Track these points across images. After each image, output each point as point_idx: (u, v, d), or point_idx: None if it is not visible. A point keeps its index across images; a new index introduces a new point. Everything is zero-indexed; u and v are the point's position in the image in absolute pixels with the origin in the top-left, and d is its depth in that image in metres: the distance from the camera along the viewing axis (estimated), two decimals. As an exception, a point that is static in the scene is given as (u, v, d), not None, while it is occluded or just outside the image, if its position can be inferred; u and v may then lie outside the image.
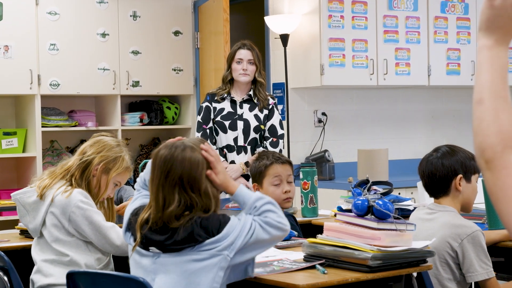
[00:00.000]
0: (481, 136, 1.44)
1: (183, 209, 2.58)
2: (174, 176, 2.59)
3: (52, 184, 3.25)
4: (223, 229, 2.55)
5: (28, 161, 6.25)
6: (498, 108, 1.44)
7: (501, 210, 1.42)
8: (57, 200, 3.20)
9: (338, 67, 6.26)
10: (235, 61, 5.04)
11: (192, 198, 2.58)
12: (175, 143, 2.66)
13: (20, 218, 3.35)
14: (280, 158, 3.75)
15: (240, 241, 2.54)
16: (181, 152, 2.62)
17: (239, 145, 5.01)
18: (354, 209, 2.77)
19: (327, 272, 2.68)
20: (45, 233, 3.24)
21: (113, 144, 3.36)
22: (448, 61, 6.81)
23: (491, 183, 1.43)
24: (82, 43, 6.35)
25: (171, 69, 6.77)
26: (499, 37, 1.49)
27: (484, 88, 1.47)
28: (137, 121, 6.69)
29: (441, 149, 3.29)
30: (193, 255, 2.55)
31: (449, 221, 3.16)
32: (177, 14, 6.78)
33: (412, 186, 5.87)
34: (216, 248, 2.53)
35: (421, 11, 6.67)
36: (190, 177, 2.59)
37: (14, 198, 3.34)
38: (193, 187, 2.59)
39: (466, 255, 3.09)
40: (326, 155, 6.34)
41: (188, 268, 2.55)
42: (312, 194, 4.24)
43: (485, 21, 1.50)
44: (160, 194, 2.61)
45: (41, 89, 6.17)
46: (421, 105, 7.18)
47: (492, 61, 1.48)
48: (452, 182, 3.22)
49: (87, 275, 2.80)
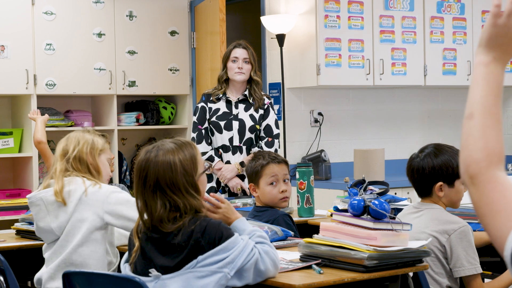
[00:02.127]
0: (467, 151, 1.45)
1: (173, 211, 2.58)
2: (150, 182, 2.60)
3: (69, 183, 3.27)
4: (225, 241, 2.54)
5: (24, 161, 6.24)
6: (486, 125, 1.45)
7: (487, 225, 1.42)
8: (91, 192, 3.23)
9: (334, 67, 6.27)
10: (231, 60, 5.04)
11: (176, 200, 2.58)
12: (149, 149, 2.67)
13: (38, 219, 3.29)
14: (276, 157, 3.75)
15: (241, 261, 2.53)
16: (154, 158, 2.62)
17: (235, 145, 5.01)
18: (350, 209, 2.77)
19: (323, 272, 2.68)
20: (70, 230, 3.23)
21: (79, 133, 3.51)
22: (444, 61, 6.81)
23: (476, 198, 1.44)
24: (78, 43, 6.35)
25: (167, 69, 6.77)
26: (498, 55, 1.50)
27: (476, 103, 1.48)
28: (133, 121, 6.69)
29: (425, 150, 3.28)
30: (194, 272, 2.52)
31: (437, 217, 3.17)
32: (173, 14, 6.78)
33: (408, 186, 5.82)
34: (217, 264, 2.51)
35: (417, 11, 6.67)
36: (167, 180, 2.59)
37: (36, 197, 3.30)
38: (172, 189, 2.59)
39: (454, 250, 3.10)
40: (322, 155, 6.35)
41: (189, 286, 2.51)
42: (308, 194, 4.24)
43: (486, 38, 1.51)
44: (141, 200, 2.62)
45: (37, 89, 6.17)
46: (417, 105, 7.19)
47: (487, 78, 1.49)
48: (433, 186, 3.23)
49: (83, 275, 2.80)
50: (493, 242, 1.42)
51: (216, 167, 4.97)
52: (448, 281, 3.14)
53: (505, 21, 1.48)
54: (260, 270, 2.58)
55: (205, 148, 4.99)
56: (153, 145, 2.69)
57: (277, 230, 3.33)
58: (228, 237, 2.55)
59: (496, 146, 1.44)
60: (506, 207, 1.40)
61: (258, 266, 2.58)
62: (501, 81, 1.49)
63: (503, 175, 1.43)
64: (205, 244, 2.52)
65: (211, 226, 2.54)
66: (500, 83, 1.49)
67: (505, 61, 1.51)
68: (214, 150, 5.02)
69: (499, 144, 1.45)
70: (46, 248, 3.35)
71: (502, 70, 1.50)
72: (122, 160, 6.75)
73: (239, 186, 4.94)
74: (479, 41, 1.53)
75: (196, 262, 2.51)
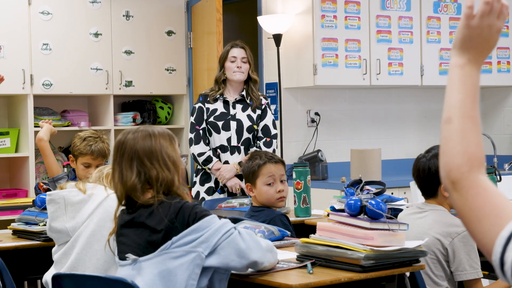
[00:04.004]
0: (448, 156, 1.43)
1: (143, 182, 2.64)
2: (129, 153, 2.67)
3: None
4: (199, 221, 2.57)
5: (20, 161, 6.23)
6: (465, 128, 1.43)
7: (473, 230, 1.40)
8: (111, 198, 3.21)
9: (331, 67, 6.27)
10: (229, 60, 5.05)
11: (150, 170, 2.64)
12: (128, 129, 2.77)
13: (53, 218, 3.23)
14: (273, 157, 3.75)
15: (216, 239, 2.55)
16: (133, 134, 2.71)
17: (233, 145, 5.01)
18: (347, 209, 2.78)
19: (312, 272, 2.68)
20: (83, 233, 3.21)
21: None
22: (441, 61, 6.82)
23: (459, 204, 1.42)
24: (74, 43, 6.34)
25: (164, 69, 6.77)
26: (472, 57, 1.48)
27: (453, 107, 1.46)
28: (130, 121, 6.68)
29: (432, 151, 3.28)
30: (169, 253, 2.55)
31: (440, 219, 3.17)
32: (170, 14, 6.78)
33: (405, 186, 5.87)
34: (190, 244, 2.54)
35: (414, 11, 6.68)
36: (145, 150, 2.67)
37: (58, 195, 3.24)
38: (150, 159, 2.66)
39: (456, 253, 3.10)
40: (319, 155, 6.35)
41: (165, 268, 2.56)
42: (305, 194, 4.24)
43: (460, 39, 1.49)
44: (117, 171, 2.69)
45: (33, 89, 6.16)
46: (414, 105, 7.19)
47: (463, 80, 1.47)
48: (439, 187, 3.22)
49: (72, 277, 2.79)
50: (480, 247, 1.39)
51: (214, 167, 4.97)
52: (448, 284, 3.14)
53: (478, 22, 1.47)
54: (241, 249, 2.57)
55: (203, 149, 4.99)
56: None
57: (274, 230, 3.34)
58: (202, 217, 2.58)
59: (476, 150, 1.42)
60: (491, 213, 1.37)
61: (238, 244, 2.57)
62: (477, 83, 1.47)
63: (485, 179, 1.41)
64: (178, 225, 2.56)
65: (185, 208, 2.59)
66: (477, 85, 1.47)
67: (480, 63, 1.49)
68: (212, 150, 5.02)
69: (479, 148, 1.43)
70: (56, 250, 3.31)
71: (478, 71, 1.48)
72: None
73: (238, 186, 4.94)
74: (453, 43, 1.51)
75: (170, 243, 2.56)
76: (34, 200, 3.88)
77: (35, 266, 3.73)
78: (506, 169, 6.82)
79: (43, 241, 3.64)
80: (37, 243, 3.67)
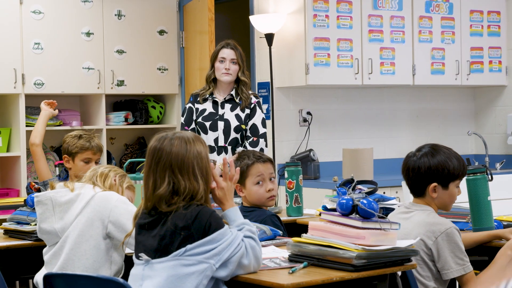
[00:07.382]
0: None
1: (171, 192, 2.67)
2: (165, 161, 2.70)
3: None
4: (214, 232, 2.62)
5: (12, 160, 6.22)
6: None
7: None
8: (100, 197, 3.22)
9: (323, 67, 6.27)
10: (218, 60, 5.04)
11: (179, 181, 2.67)
12: (164, 135, 2.79)
13: (42, 220, 3.25)
14: (261, 157, 3.75)
15: (228, 254, 2.62)
16: (170, 141, 2.74)
17: (220, 145, 5.01)
18: (338, 208, 2.78)
19: (292, 272, 2.68)
20: (72, 233, 3.20)
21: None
22: (433, 60, 6.83)
23: None
24: (66, 42, 6.33)
25: (156, 68, 6.76)
26: None
27: None
28: (122, 120, 6.68)
29: (423, 150, 3.27)
30: (181, 259, 2.60)
31: (424, 219, 3.17)
32: (162, 13, 6.77)
33: (397, 185, 5.88)
34: (204, 255, 2.60)
35: (406, 11, 6.68)
36: (179, 160, 2.70)
37: (45, 196, 3.25)
38: (181, 170, 2.69)
39: (440, 252, 3.10)
40: (311, 154, 6.35)
41: (175, 273, 2.60)
42: (297, 193, 4.24)
43: None
44: (151, 179, 2.71)
45: (25, 88, 6.15)
46: (406, 105, 7.20)
47: None
48: (427, 187, 3.22)
49: (63, 277, 2.78)
50: None
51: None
52: (435, 283, 3.14)
53: None
54: (243, 264, 2.67)
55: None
56: (166, 132, 2.82)
57: (266, 230, 3.34)
58: (218, 228, 2.63)
59: None
60: None
61: (242, 260, 2.66)
62: None
63: None
64: (194, 231, 2.61)
65: (202, 214, 2.63)
66: None
67: None
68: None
69: None
70: (47, 251, 3.31)
71: None
72: (111, 159, 6.74)
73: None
74: None
75: (184, 250, 2.61)
76: (26, 200, 3.87)
77: (26, 265, 3.72)
78: (498, 169, 6.83)
79: (35, 240, 3.62)
80: (28, 242, 3.66)
